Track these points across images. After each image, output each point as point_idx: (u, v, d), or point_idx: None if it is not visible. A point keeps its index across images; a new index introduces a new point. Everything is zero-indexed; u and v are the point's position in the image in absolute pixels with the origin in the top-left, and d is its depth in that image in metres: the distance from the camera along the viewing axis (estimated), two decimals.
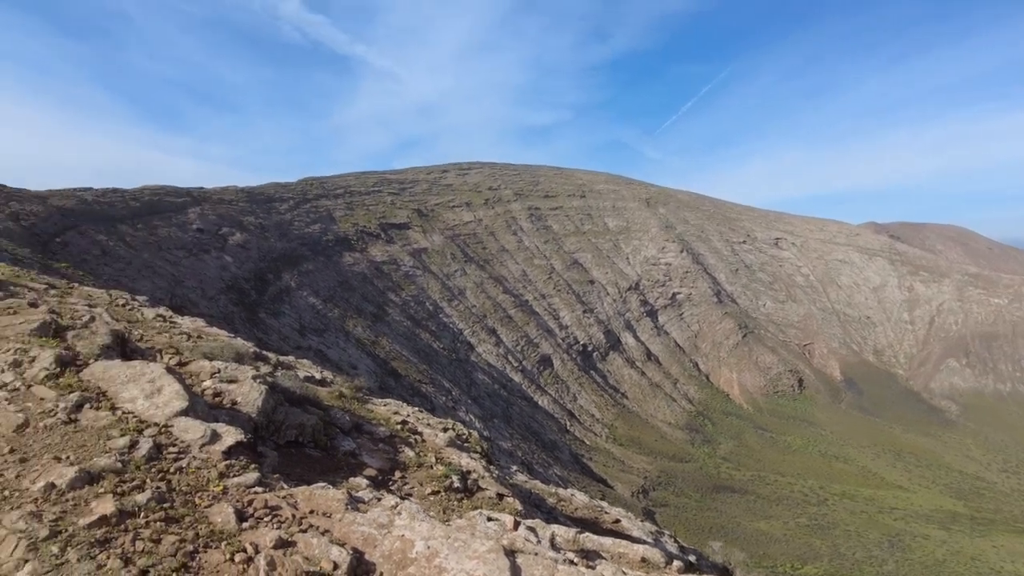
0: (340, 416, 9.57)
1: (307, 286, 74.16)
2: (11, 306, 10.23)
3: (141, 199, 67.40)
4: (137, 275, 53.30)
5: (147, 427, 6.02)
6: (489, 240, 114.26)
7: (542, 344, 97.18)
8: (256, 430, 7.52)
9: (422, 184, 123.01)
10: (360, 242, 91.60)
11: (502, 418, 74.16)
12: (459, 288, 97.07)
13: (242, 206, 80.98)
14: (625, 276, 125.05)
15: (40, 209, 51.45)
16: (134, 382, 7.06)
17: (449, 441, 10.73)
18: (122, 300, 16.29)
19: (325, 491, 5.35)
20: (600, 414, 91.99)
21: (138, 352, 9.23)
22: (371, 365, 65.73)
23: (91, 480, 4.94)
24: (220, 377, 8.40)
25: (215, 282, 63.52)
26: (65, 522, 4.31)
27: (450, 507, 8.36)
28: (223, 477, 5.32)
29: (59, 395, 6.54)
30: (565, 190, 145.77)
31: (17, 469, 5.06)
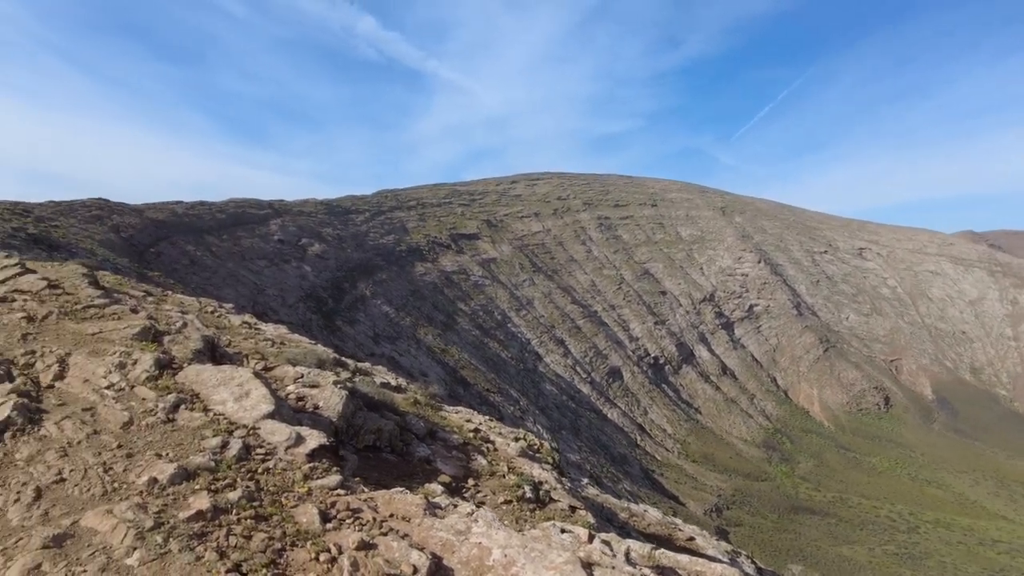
0: (415, 422, 9.75)
1: (381, 295, 76.24)
2: (116, 312, 10.99)
3: (227, 211, 71.28)
4: (222, 283, 56.35)
5: (236, 428, 6.33)
6: (557, 250, 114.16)
7: (611, 356, 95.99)
8: (336, 434, 7.76)
9: (491, 195, 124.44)
10: (431, 252, 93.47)
11: (570, 430, 73.62)
12: (527, 298, 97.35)
13: (321, 218, 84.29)
14: (699, 287, 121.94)
15: (137, 221, 55.26)
16: (224, 385, 7.44)
17: (521, 451, 10.73)
18: (211, 307, 17.24)
19: (404, 496, 5.46)
20: (672, 429, 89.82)
21: (227, 357, 9.74)
22: (441, 373, 66.77)
23: (188, 477, 5.24)
24: (303, 382, 8.73)
25: (295, 290, 66.28)
26: (167, 514, 4.59)
27: (522, 517, 8.34)
28: (307, 479, 5.53)
29: (158, 396, 6.97)
30: (636, 199, 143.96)
31: (124, 463, 5.43)
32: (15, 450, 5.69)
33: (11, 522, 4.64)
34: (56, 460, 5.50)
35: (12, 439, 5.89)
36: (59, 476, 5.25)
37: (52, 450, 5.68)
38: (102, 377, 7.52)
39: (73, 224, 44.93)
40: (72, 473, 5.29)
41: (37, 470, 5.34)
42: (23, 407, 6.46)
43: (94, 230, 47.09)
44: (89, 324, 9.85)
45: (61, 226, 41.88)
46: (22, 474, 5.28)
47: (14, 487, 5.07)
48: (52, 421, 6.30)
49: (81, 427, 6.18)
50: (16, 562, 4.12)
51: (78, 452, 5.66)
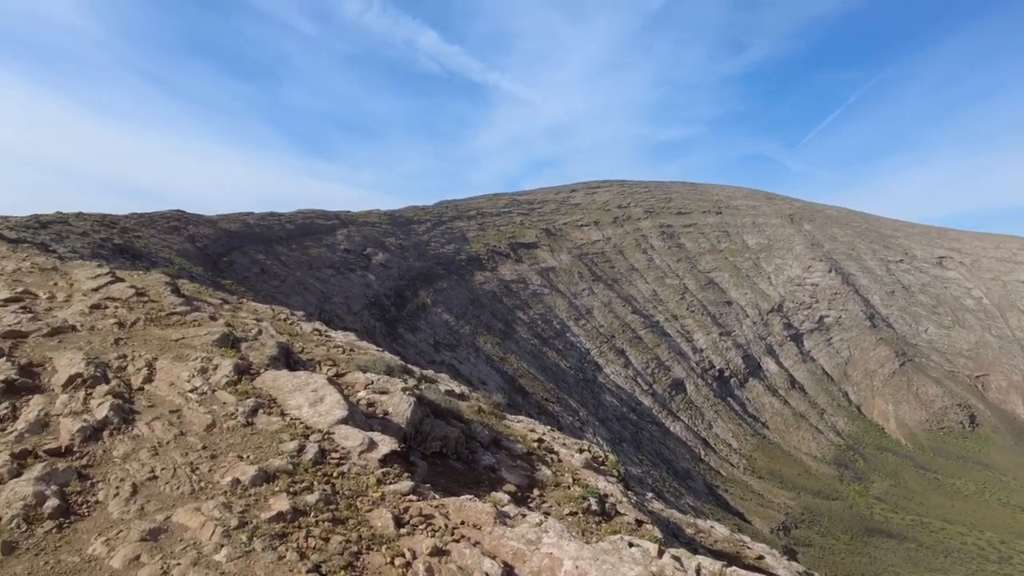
0: (480, 430, 9.82)
1: (441, 303, 77.35)
2: (196, 319, 11.56)
3: (295, 222, 74.00)
4: (291, 291, 58.47)
5: (312, 433, 6.55)
6: (618, 259, 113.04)
7: (674, 367, 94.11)
8: (405, 440, 7.91)
9: (550, 204, 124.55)
10: (491, 261, 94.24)
11: (631, 443, 72.48)
12: (586, 307, 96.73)
13: (384, 228, 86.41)
14: (766, 297, 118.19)
15: (211, 232, 58.06)
16: (300, 391, 7.71)
17: (585, 463, 10.65)
18: (283, 315, 17.90)
19: (474, 503, 5.51)
20: (737, 444, 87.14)
21: (300, 363, 10.08)
22: (500, 381, 67.07)
23: (268, 479, 5.45)
24: (373, 388, 8.95)
25: (359, 298, 68.08)
26: (250, 514, 4.79)
27: (588, 529, 8.27)
28: (380, 484, 5.66)
29: (238, 400, 7.29)
30: (699, 207, 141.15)
31: (209, 464, 5.70)
32: (113, 448, 6.07)
33: (112, 515, 4.95)
34: (148, 459, 5.83)
35: (110, 437, 6.28)
36: (152, 474, 5.56)
37: (145, 449, 6.02)
38: (186, 381, 7.92)
39: (153, 235, 47.61)
40: (163, 471, 5.59)
41: (132, 467, 5.67)
42: (118, 407, 6.88)
43: (172, 240, 49.77)
44: (172, 330, 10.39)
45: (143, 236, 44.44)
46: (119, 470, 5.62)
47: (113, 482, 5.41)
48: (144, 421, 6.68)
49: (169, 428, 6.53)
50: (118, 552, 4.40)
51: (167, 452, 5.98)
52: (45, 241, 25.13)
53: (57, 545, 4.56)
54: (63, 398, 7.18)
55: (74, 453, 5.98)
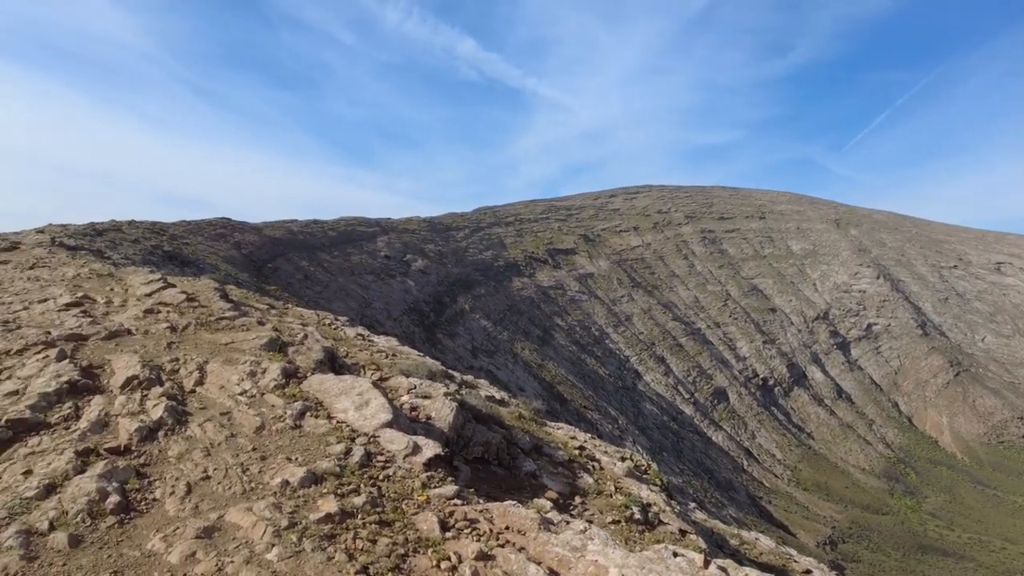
0: (521, 437, 9.82)
1: (479, 309, 77.69)
2: (244, 324, 11.88)
3: (337, 229, 75.37)
4: (333, 297, 59.51)
5: (358, 436, 6.65)
6: (658, 265, 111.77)
7: (716, 376, 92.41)
8: (448, 444, 7.97)
9: (588, 210, 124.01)
10: (528, 267, 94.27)
11: (672, 452, 71.38)
12: (626, 314, 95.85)
13: (424, 235, 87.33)
14: (812, 304, 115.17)
15: (256, 239, 59.56)
16: (345, 394, 7.84)
17: (627, 471, 10.54)
18: (328, 320, 18.25)
19: (518, 509, 5.51)
20: (781, 454, 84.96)
21: (345, 367, 10.25)
22: (538, 388, 66.91)
23: (316, 481, 5.56)
24: (416, 393, 9.04)
25: (399, 304, 68.88)
26: (299, 515, 4.90)
27: (631, 538, 8.18)
28: (425, 487, 5.71)
29: (286, 403, 7.45)
30: (742, 211, 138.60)
31: (259, 465, 5.85)
32: (168, 447, 6.27)
33: (168, 512, 5.13)
34: (201, 459, 6.01)
35: (165, 437, 6.50)
36: (205, 474, 5.73)
37: (198, 449, 6.21)
38: (236, 384, 8.14)
39: (201, 242, 49.08)
40: (215, 472, 5.76)
41: (186, 467, 5.86)
42: (172, 409, 7.12)
43: (218, 247, 51.22)
44: (222, 334, 10.70)
45: (191, 243, 45.84)
46: (174, 470, 5.81)
47: (169, 481, 5.60)
48: (196, 423, 6.89)
49: (220, 430, 6.72)
50: (176, 549, 4.56)
51: (219, 452, 6.15)
52: (100, 248, 26.13)
53: (119, 540, 4.74)
54: (121, 399, 7.46)
55: (132, 452, 6.21)
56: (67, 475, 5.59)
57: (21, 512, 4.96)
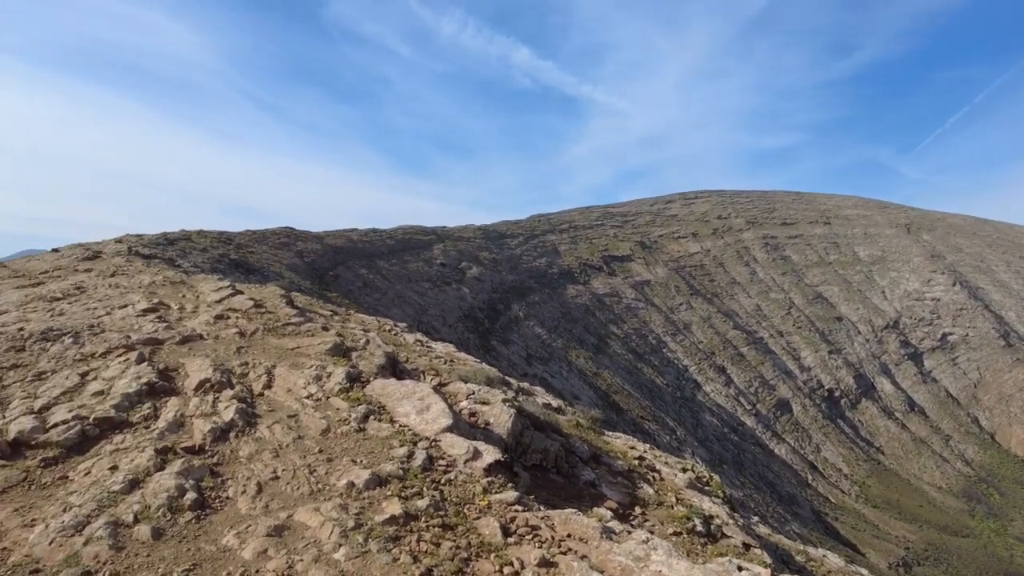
0: (579, 445, 9.75)
1: (533, 316, 77.67)
2: (309, 329, 12.24)
3: (395, 238, 76.89)
4: (391, 304, 60.64)
5: (420, 440, 6.75)
6: (718, 272, 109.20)
7: (779, 386, 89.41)
8: (506, 451, 7.99)
9: (645, 216, 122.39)
10: (583, 275, 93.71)
11: (732, 464, 69.40)
12: (684, 322, 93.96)
13: (478, 242, 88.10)
14: (881, 313, 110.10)
15: (318, 247, 61.35)
16: (407, 399, 7.97)
17: (689, 482, 10.32)
18: (388, 326, 18.62)
19: (579, 517, 5.47)
20: (849, 469, 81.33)
21: (406, 372, 10.42)
22: (593, 397, 66.29)
23: (380, 483, 5.67)
24: (474, 399, 9.10)
25: (454, 311, 69.61)
26: (365, 516, 5.00)
27: (693, 551, 8.00)
28: (486, 492, 5.74)
29: (350, 406, 7.63)
30: (805, 216, 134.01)
31: (326, 467, 6.01)
32: (239, 448, 6.52)
33: (241, 510, 5.33)
34: (271, 460, 6.22)
35: (236, 438, 6.76)
36: (274, 474, 5.93)
37: (267, 451, 6.43)
38: (302, 388, 8.39)
39: (265, 250, 50.91)
40: (284, 472, 5.95)
41: (256, 467, 6.07)
42: (242, 411, 7.40)
43: (282, 255, 53.02)
44: (288, 340, 11.05)
45: (256, 252, 47.62)
46: (245, 469, 6.03)
47: (240, 480, 5.82)
48: (265, 425, 7.14)
49: (288, 432, 6.94)
50: (248, 545, 4.74)
51: (287, 454, 6.35)
52: (172, 257, 27.45)
53: (196, 534, 4.96)
54: (195, 401, 7.81)
55: (206, 451, 6.49)
56: (148, 471, 5.88)
57: (109, 505, 5.26)
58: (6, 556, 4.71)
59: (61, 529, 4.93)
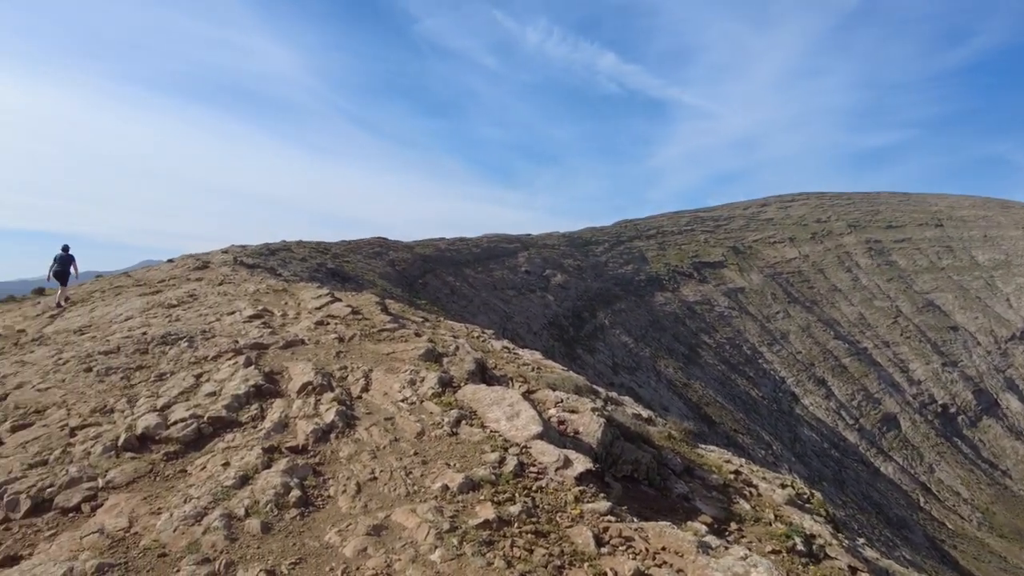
0: (671, 457, 9.49)
1: (619, 324, 76.55)
2: (403, 335, 12.61)
3: (481, 246, 78.10)
4: (476, 311, 61.54)
5: (511, 446, 6.78)
6: (817, 278, 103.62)
7: (885, 400, 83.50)
8: (596, 460, 7.89)
9: (738, 220, 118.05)
10: (672, 282, 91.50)
11: (832, 482, 65.39)
12: (781, 332, 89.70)
13: (563, 250, 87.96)
14: (1005, 323, 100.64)
15: (408, 256, 63.27)
16: (497, 405, 8.04)
17: (788, 499, 9.80)
18: (476, 333, 18.91)
19: (674, 530, 5.32)
20: (968, 493, 74.66)
21: (494, 379, 10.53)
22: (683, 408, 64.42)
23: (473, 487, 5.74)
24: (563, 407, 9.06)
25: (539, 319, 69.76)
26: (459, 520, 5.08)
27: (794, 570, 7.59)
28: (578, 501, 5.69)
29: (443, 411, 7.79)
30: (914, 219, 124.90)
31: (421, 469, 6.16)
32: (339, 449, 6.80)
33: (341, 509, 5.56)
34: (369, 461, 6.44)
35: (336, 439, 7.05)
36: (372, 475, 6.14)
37: (365, 452, 6.67)
38: (397, 391, 8.65)
39: (359, 259, 53.02)
40: (381, 473, 6.14)
41: (356, 468, 6.31)
42: (342, 413, 7.71)
43: (375, 264, 55.04)
44: (384, 345, 11.43)
45: (350, 261, 49.67)
46: (345, 470, 6.29)
47: (341, 480, 6.07)
48: (363, 427, 7.41)
49: (385, 434, 7.17)
50: (349, 543, 4.94)
51: (384, 455, 6.56)
52: (274, 266, 29.08)
53: (301, 530, 5.22)
54: (298, 403, 8.22)
55: (309, 451, 6.81)
56: (257, 469, 6.25)
57: (223, 498, 5.63)
58: (138, 540, 5.14)
59: (183, 518, 5.32)
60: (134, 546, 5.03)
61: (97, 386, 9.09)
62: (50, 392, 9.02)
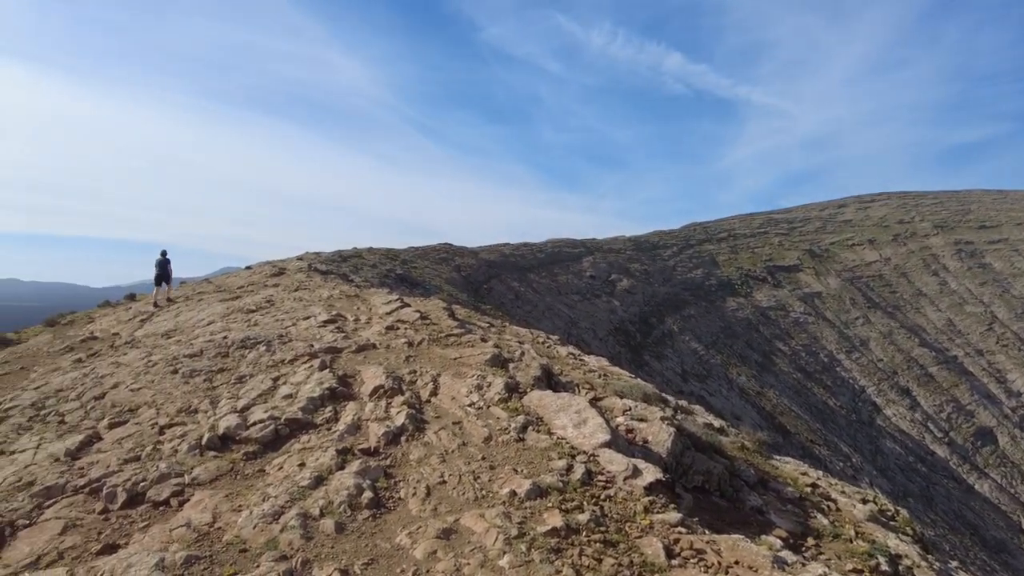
0: (745, 469, 9.19)
1: (689, 331, 74.79)
2: (470, 340, 12.74)
3: (545, 251, 78.03)
4: (541, 316, 61.48)
5: (578, 454, 6.73)
6: (900, 283, 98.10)
7: (979, 413, 78.02)
8: (666, 470, 7.72)
9: (814, 222, 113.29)
10: (744, 286, 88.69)
11: (919, 499, 61.56)
12: (860, 338, 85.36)
13: (629, 254, 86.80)
14: None
15: (473, 262, 63.96)
16: (564, 411, 8.00)
17: (870, 515, 9.30)
18: (541, 338, 18.90)
19: (747, 544, 5.14)
20: None
21: (560, 385, 10.48)
22: (756, 418, 62.23)
23: (540, 494, 5.73)
24: (631, 415, 8.92)
25: (604, 324, 69.02)
26: (527, 526, 5.08)
27: None
28: (648, 511, 5.58)
29: (509, 416, 7.81)
30: (1011, 218, 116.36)
31: (489, 474, 6.19)
32: (409, 452, 6.94)
33: (411, 511, 5.66)
34: (438, 464, 6.54)
35: (406, 442, 7.20)
36: (441, 478, 6.23)
37: (435, 455, 6.78)
38: (465, 396, 8.74)
39: (426, 265, 54.04)
40: (450, 477, 6.22)
41: (425, 471, 6.42)
42: (412, 416, 7.86)
43: (441, 270, 55.97)
44: (451, 350, 11.59)
45: (418, 267, 50.69)
46: (415, 473, 6.40)
47: (411, 482, 6.19)
48: (432, 431, 7.53)
49: (453, 438, 7.26)
50: (419, 545, 5.02)
51: (453, 459, 6.64)
52: (346, 272, 30.01)
53: (373, 531, 5.36)
54: (370, 406, 8.44)
55: (380, 454, 6.98)
56: (331, 470, 6.45)
57: (299, 498, 5.84)
58: (221, 535, 5.40)
59: (262, 516, 5.55)
60: (217, 540, 5.30)
61: (183, 387, 9.64)
62: (141, 392, 9.63)
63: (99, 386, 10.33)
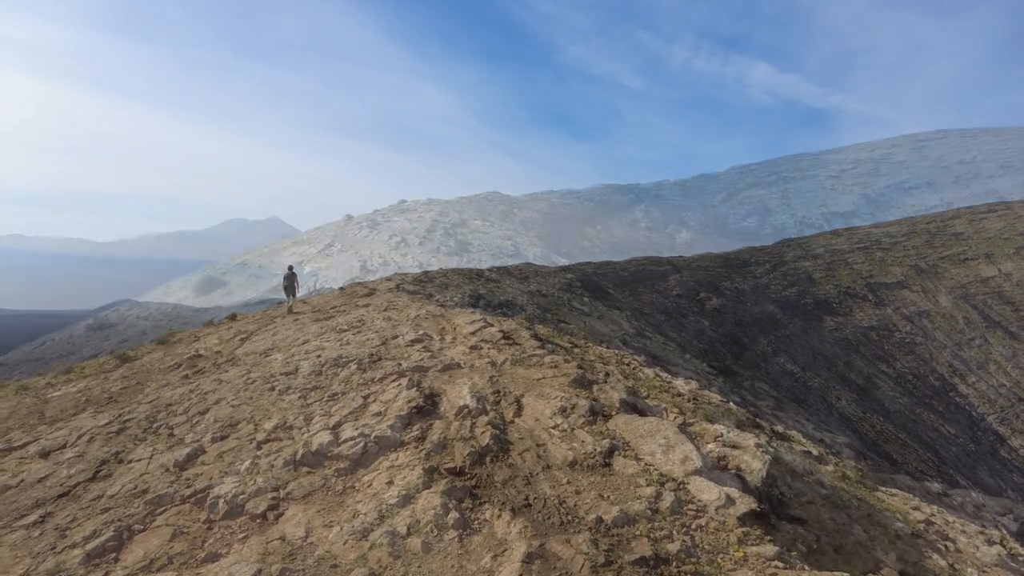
0: (847, 500, 8.59)
1: (783, 351, 71.28)
2: (552, 361, 12.68)
3: (629, 269, 76.81)
4: None
5: (667, 481, 6.51)
6: (1022, 300, 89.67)
7: None
8: (760, 500, 7.33)
9: (920, 236, 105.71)
10: (843, 305, 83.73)
11: None
12: (978, 361, 78.42)
13: (718, 272, 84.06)
14: None
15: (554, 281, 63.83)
16: (651, 437, 7.78)
17: (998, 559, 8.45)
18: (626, 359, 18.55)
19: None
20: None
21: (647, 408, 10.21)
22: (859, 445, 58.17)
23: (628, 522, 5.57)
24: (723, 441, 8.56)
25: (692, 344, 66.93)
26: (615, 554, 4.95)
27: None
28: (741, 543, 5.31)
29: (595, 440, 7.68)
30: None
31: (574, 499, 6.09)
32: (494, 473, 6.94)
33: (496, 533, 5.64)
34: (523, 487, 6.50)
35: (491, 463, 7.21)
36: (526, 501, 6.18)
37: (519, 477, 6.74)
38: (548, 418, 8.68)
39: (508, 285, 54.48)
40: (535, 500, 6.16)
41: (510, 493, 6.39)
42: (496, 437, 7.88)
43: (522, 289, 56.27)
44: (534, 370, 11.56)
45: (501, 286, 51.17)
46: (500, 494, 6.39)
47: (496, 504, 6.18)
48: (516, 452, 7.50)
49: (538, 461, 7.20)
50: (504, 569, 4.99)
51: (538, 482, 6.59)
52: (432, 292, 30.70)
53: (459, 552, 5.38)
54: (455, 425, 8.53)
55: (465, 473, 7.02)
56: (418, 488, 6.55)
57: (387, 516, 5.97)
58: (313, 549, 5.60)
59: (352, 532, 5.71)
60: (310, 555, 5.49)
61: (279, 403, 10.12)
62: (241, 408, 10.19)
63: (203, 401, 11.03)
